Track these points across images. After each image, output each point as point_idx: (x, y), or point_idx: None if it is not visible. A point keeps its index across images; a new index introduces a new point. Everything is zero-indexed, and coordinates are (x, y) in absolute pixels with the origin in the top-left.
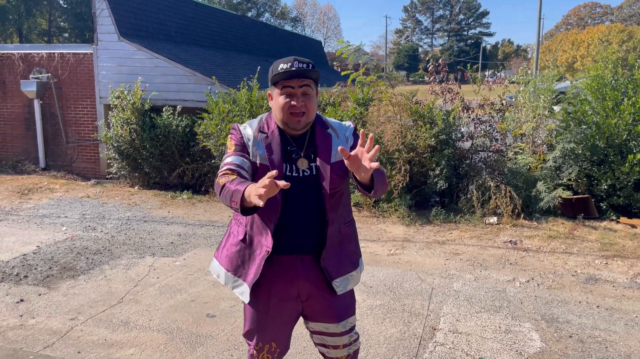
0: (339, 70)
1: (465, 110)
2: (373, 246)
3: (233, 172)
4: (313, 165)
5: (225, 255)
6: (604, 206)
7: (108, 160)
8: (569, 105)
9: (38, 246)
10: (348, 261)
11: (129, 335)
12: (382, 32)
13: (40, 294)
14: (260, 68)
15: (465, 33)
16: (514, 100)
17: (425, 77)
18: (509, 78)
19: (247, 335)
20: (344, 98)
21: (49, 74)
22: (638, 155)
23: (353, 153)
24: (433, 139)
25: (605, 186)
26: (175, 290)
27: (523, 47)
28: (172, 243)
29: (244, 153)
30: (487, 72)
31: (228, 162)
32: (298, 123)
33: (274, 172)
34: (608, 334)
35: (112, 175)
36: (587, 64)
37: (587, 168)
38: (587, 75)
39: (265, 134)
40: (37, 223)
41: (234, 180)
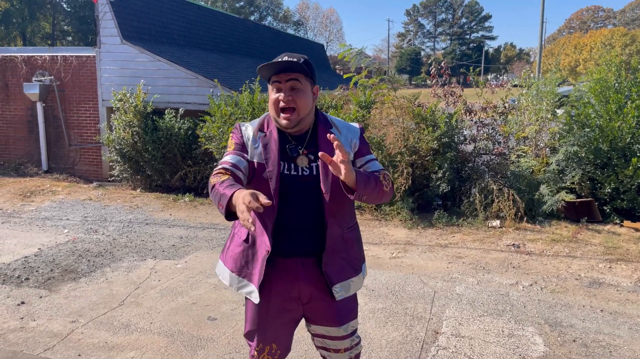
0: (341, 74)
1: (468, 113)
2: (375, 250)
3: (227, 171)
4: (314, 165)
5: (230, 256)
6: (608, 210)
7: (110, 163)
8: (572, 108)
9: (39, 249)
10: (350, 267)
11: (130, 338)
12: (384, 35)
13: (41, 296)
14: None
15: (468, 37)
16: (517, 104)
17: (428, 80)
18: (512, 81)
19: (247, 336)
20: (346, 101)
21: (52, 77)
22: None
23: (334, 158)
24: (435, 142)
25: (609, 190)
26: (177, 293)
27: (525, 50)
28: (173, 245)
29: (243, 152)
30: (489, 75)
31: (224, 160)
32: (287, 121)
33: (267, 202)
34: (612, 338)
35: (114, 178)
36: (590, 67)
37: (590, 171)
38: (590, 79)
39: (264, 133)
40: (39, 225)
41: (225, 182)
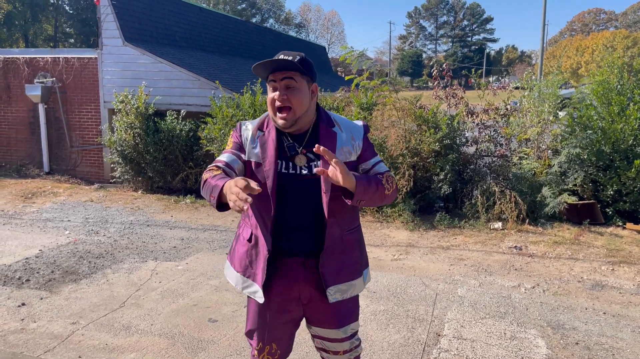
0: (343, 76)
1: (470, 115)
2: (377, 251)
3: (219, 169)
4: (313, 164)
5: (236, 257)
6: (610, 212)
7: (112, 164)
8: (575, 110)
9: (41, 250)
10: (348, 270)
11: (130, 340)
12: (386, 38)
13: (42, 298)
14: None
15: (469, 39)
16: (519, 106)
17: (429, 82)
18: (514, 82)
19: (248, 334)
20: (348, 102)
21: (54, 79)
22: None
23: (329, 170)
24: (437, 144)
25: (611, 192)
26: (177, 295)
27: (527, 53)
28: (174, 247)
29: (240, 152)
30: (490, 77)
31: (219, 159)
32: (283, 121)
33: (258, 188)
34: (615, 341)
35: (115, 179)
36: (591, 70)
37: (592, 173)
38: (592, 81)
39: (263, 132)
40: (40, 227)
41: (217, 176)
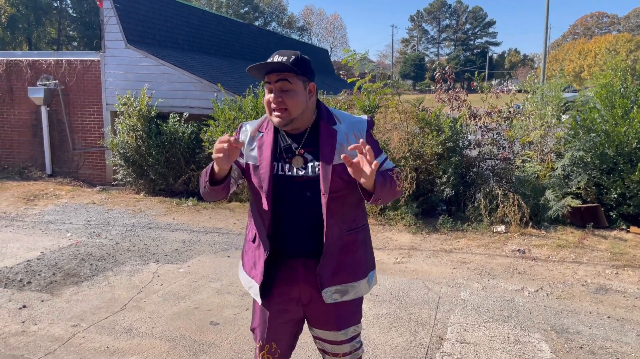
0: (345, 79)
1: (473, 118)
2: (379, 255)
3: None
4: (310, 165)
5: (245, 258)
6: (614, 216)
7: (114, 167)
8: (578, 113)
9: (42, 252)
10: (349, 271)
11: (132, 342)
12: (388, 41)
13: (43, 300)
14: None
15: (472, 42)
16: (522, 108)
17: (432, 86)
18: (517, 85)
19: (252, 331)
20: (350, 105)
21: (57, 81)
22: None
23: (355, 160)
24: (440, 146)
25: (615, 195)
26: (179, 297)
27: (530, 56)
28: (176, 249)
29: (238, 156)
30: (493, 81)
31: None
32: (278, 119)
33: (228, 138)
34: (619, 345)
35: (117, 182)
36: (595, 73)
37: (596, 176)
38: (595, 83)
39: (262, 133)
40: (42, 229)
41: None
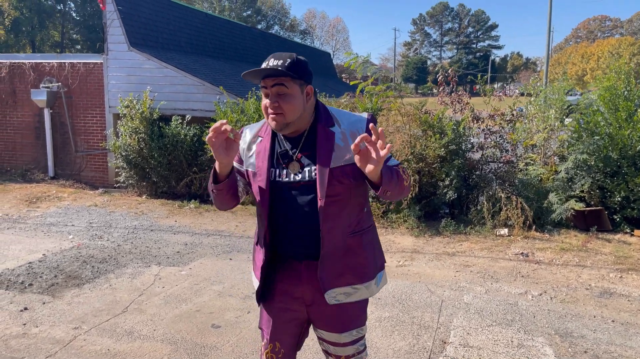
0: (348, 82)
1: (475, 121)
2: None
3: None
4: (307, 170)
5: (254, 260)
6: (618, 219)
7: (116, 169)
8: (581, 116)
9: (44, 255)
10: (351, 273)
11: (133, 345)
12: (390, 44)
13: (45, 302)
14: None
15: (474, 46)
16: (525, 112)
17: (434, 89)
18: (520, 88)
19: (260, 329)
20: (353, 108)
21: (59, 83)
22: None
23: (363, 148)
24: (443, 149)
25: (619, 199)
26: (181, 300)
27: (532, 59)
28: (178, 252)
29: (239, 165)
30: (495, 84)
31: None
32: (275, 122)
33: (222, 125)
34: (624, 349)
35: (120, 184)
36: (598, 76)
37: (600, 179)
38: (599, 86)
39: (261, 138)
40: (44, 231)
41: None
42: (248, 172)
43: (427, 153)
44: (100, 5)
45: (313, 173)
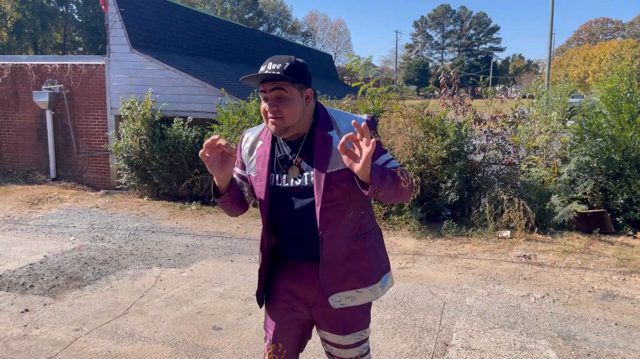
0: (349, 84)
1: (477, 123)
2: None
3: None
4: (306, 175)
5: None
6: (620, 221)
7: (118, 171)
8: (584, 118)
9: (45, 256)
10: (354, 277)
11: (134, 347)
12: (392, 46)
13: (46, 304)
14: None
15: (476, 48)
16: (527, 114)
17: (436, 91)
18: (522, 90)
19: (265, 329)
20: (354, 109)
21: (61, 85)
22: None
23: (350, 147)
24: (444, 151)
25: (622, 201)
26: (182, 302)
27: (534, 62)
28: (179, 254)
29: (243, 171)
30: (497, 86)
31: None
32: (274, 126)
33: (216, 140)
34: (627, 352)
35: (121, 186)
36: (600, 78)
37: (602, 181)
38: (601, 88)
39: (262, 141)
40: (45, 232)
41: None
42: (250, 176)
43: (429, 155)
44: (103, 7)
45: (312, 178)
